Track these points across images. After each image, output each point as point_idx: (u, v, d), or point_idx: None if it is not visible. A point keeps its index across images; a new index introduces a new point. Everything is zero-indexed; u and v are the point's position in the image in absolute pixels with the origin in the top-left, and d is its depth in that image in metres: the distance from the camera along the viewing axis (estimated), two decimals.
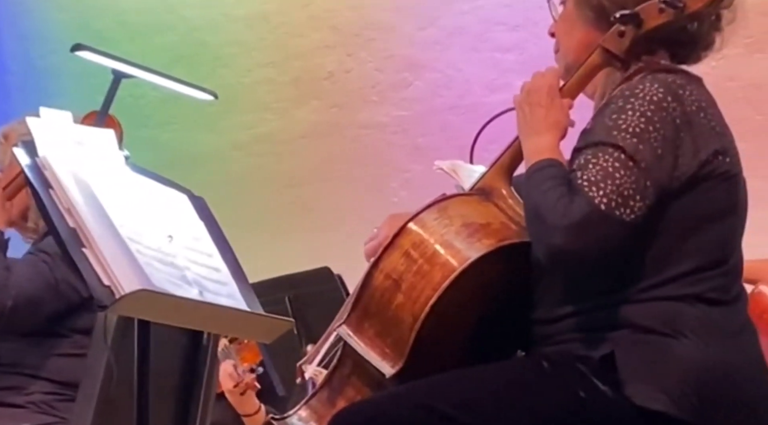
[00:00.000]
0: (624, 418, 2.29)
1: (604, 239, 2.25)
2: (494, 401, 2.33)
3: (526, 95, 2.44)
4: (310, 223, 6.00)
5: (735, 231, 2.42)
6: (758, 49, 5.37)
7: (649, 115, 2.31)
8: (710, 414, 2.30)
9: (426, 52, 5.91)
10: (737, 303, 2.40)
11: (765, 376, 2.38)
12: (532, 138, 2.42)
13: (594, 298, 2.37)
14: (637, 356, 2.31)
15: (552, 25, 2.58)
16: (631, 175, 2.27)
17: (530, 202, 2.35)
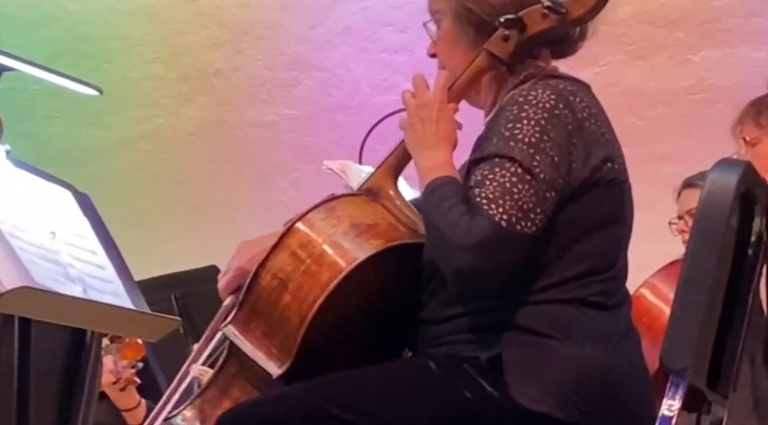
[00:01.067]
0: (509, 420, 2.31)
1: (508, 255, 2.26)
2: (381, 401, 2.34)
3: (416, 110, 2.44)
4: (197, 221, 5.96)
5: (622, 237, 2.45)
6: (639, 57, 5.47)
7: (543, 124, 2.33)
8: (593, 417, 2.32)
9: (315, 52, 5.91)
10: (622, 307, 2.43)
11: (646, 380, 2.41)
12: (426, 153, 2.42)
13: (481, 300, 2.38)
14: (523, 358, 2.33)
15: (430, 45, 2.56)
16: (529, 189, 2.28)
17: (431, 223, 2.34)
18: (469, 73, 2.47)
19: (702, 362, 2.19)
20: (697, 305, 2.19)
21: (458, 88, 2.48)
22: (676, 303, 2.22)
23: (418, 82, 2.47)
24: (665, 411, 2.20)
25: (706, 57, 5.51)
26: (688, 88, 5.48)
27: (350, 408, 2.32)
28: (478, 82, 2.49)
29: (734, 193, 2.25)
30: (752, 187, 2.32)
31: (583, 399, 2.31)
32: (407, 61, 5.68)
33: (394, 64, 5.76)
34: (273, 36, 5.98)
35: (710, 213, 2.25)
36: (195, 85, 6.08)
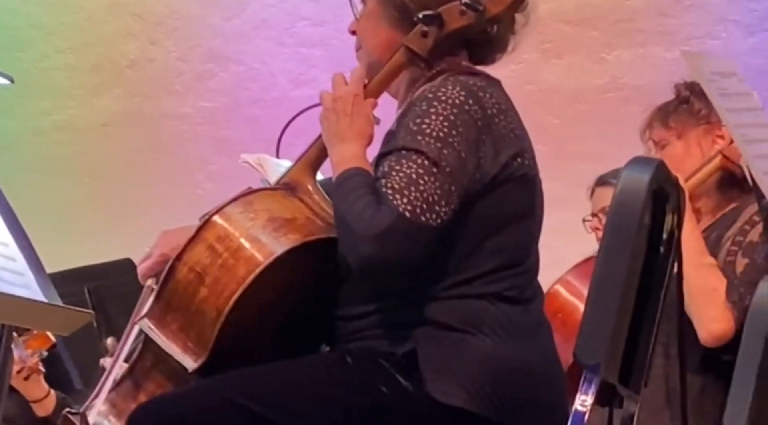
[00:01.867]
0: (425, 414, 2.33)
1: (412, 246, 2.28)
2: (296, 395, 2.34)
3: (332, 103, 2.45)
4: (111, 214, 5.90)
5: (532, 232, 2.48)
6: (555, 55, 5.52)
7: (452, 119, 2.35)
8: (507, 410, 2.34)
9: (231, 44, 5.88)
10: (534, 301, 2.45)
11: (559, 373, 2.44)
12: (339, 146, 2.43)
13: (397, 296, 2.40)
14: (437, 352, 2.34)
15: (353, 23, 2.58)
16: (435, 181, 2.30)
17: (339, 213, 2.36)
18: (388, 68, 2.49)
19: (614, 358, 2.22)
20: (611, 301, 2.22)
21: (377, 84, 2.49)
22: (590, 299, 2.25)
23: (336, 79, 2.49)
24: (578, 406, 2.23)
25: (620, 56, 5.57)
26: (602, 86, 5.54)
27: (265, 402, 2.33)
28: (396, 78, 2.51)
29: (647, 191, 2.28)
30: (664, 184, 2.35)
31: (497, 392, 2.33)
32: (324, 54, 5.67)
33: (311, 58, 5.75)
34: (188, 27, 5.94)
35: (623, 210, 2.28)
36: (108, 76, 6.02)
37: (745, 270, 2.92)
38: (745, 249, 2.95)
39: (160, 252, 2.50)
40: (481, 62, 2.52)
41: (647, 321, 2.32)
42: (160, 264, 2.49)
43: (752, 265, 2.92)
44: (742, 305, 2.89)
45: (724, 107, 2.28)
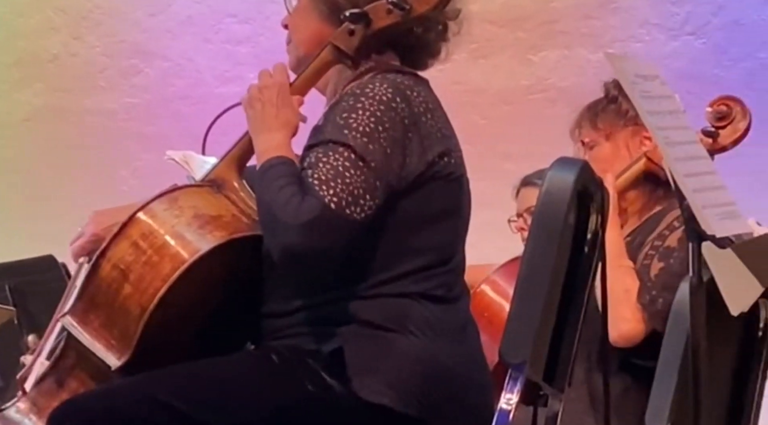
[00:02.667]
0: (351, 412, 2.33)
1: (334, 238, 2.28)
2: (222, 394, 2.33)
3: (257, 92, 2.45)
4: (33, 210, 5.83)
5: (459, 231, 2.49)
6: (482, 55, 5.55)
7: (378, 115, 2.35)
8: (433, 409, 2.35)
9: (156, 40, 5.84)
10: (460, 301, 2.47)
11: (484, 372, 2.45)
12: (264, 135, 2.43)
13: (323, 294, 2.40)
14: (364, 351, 2.35)
15: (285, 17, 2.59)
16: (361, 175, 2.30)
17: (263, 200, 2.35)
18: (315, 65, 2.49)
19: (539, 356, 2.23)
20: (536, 300, 2.23)
21: (303, 80, 2.50)
22: (515, 298, 2.27)
23: (263, 72, 2.49)
24: (503, 404, 2.24)
25: (545, 57, 5.61)
26: (528, 87, 5.58)
27: (191, 400, 2.31)
28: (323, 75, 2.51)
29: (572, 191, 2.30)
30: (589, 185, 2.37)
31: (423, 391, 2.34)
32: (251, 52, 5.65)
33: (237, 55, 5.73)
34: (112, 22, 5.89)
35: (549, 210, 2.29)
36: (30, 71, 5.95)
37: (660, 274, 2.95)
38: (662, 254, 2.98)
39: (92, 232, 2.48)
40: (412, 66, 2.53)
41: (571, 321, 2.34)
42: (92, 243, 2.47)
43: (667, 269, 2.95)
44: (653, 308, 2.92)
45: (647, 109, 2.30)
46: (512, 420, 2.23)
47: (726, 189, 2.37)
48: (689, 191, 2.27)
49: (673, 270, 2.93)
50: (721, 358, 2.61)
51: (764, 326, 2.68)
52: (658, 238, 3.01)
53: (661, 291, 2.92)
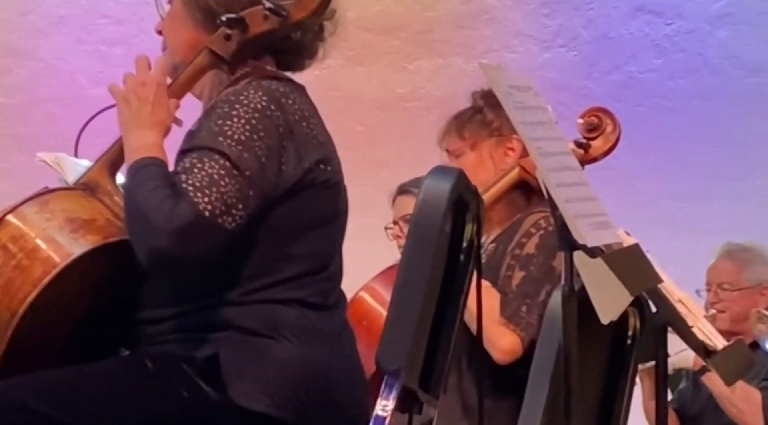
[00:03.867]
0: (228, 419, 2.32)
1: (204, 246, 2.27)
2: (95, 400, 2.30)
3: (133, 88, 2.42)
4: None
5: (336, 238, 2.49)
6: (358, 62, 5.57)
7: (253, 123, 2.34)
8: (310, 415, 2.35)
9: (27, 40, 5.74)
10: (337, 308, 2.47)
11: (361, 379, 2.46)
12: (137, 132, 2.40)
13: (199, 300, 2.38)
14: (239, 357, 2.34)
15: (159, 23, 2.57)
16: (235, 184, 2.29)
17: (133, 201, 2.32)
18: (191, 70, 2.48)
19: (415, 363, 2.25)
20: (412, 308, 2.24)
21: (179, 84, 2.48)
22: (392, 305, 2.28)
23: (140, 61, 2.46)
24: (379, 410, 2.25)
25: (421, 66, 5.67)
26: (404, 95, 5.62)
27: (63, 407, 2.28)
28: (199, 79, 2.50)
29: (448, 200, 2.32)
30: (464, 193, 2.40)
31: (299, 397, 2.34)
32: (125, 53, 5.58)
33: (111, 57, 5.66)
34: None
35: (425, 218, 2.31)
36: None
37: (521, 283, 3.00)
38: (522, 262, 3.02)
39: None
40: (288, 69, 2.53)
41: (447, 328, 2.36)
42: None
43: (528, 277, 2.99)
44: (518, 318, 2.95)
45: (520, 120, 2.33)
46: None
47: (597, 199, 2.41)
48: (562, 201, 2.30)
49: (534, 276, 2.98)
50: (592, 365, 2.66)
51: (633, 334, 2.73)
52: (518, 246, 3.06)
53: (522, 300, 2.96)
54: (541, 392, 2.36)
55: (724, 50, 5.72)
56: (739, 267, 4.56)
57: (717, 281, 4.56)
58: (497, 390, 3.00)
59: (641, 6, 5.75)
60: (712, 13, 5.73)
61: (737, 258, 4.58)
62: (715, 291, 4.54)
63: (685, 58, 5.74)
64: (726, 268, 4.59)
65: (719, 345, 2.69)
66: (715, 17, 5.73)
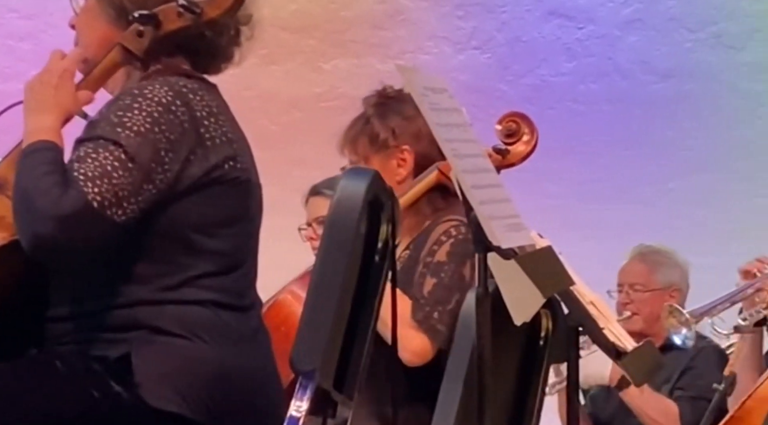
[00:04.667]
0: (139, 420, 2.30)
1: (91, 237, 2.25)
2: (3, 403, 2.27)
3: (39, 74, 2.41)
4: None
5: (248, 237, 2.47)
6: (273, 61, 5.56)
7: (155, 117, 2.33)
8: (222, 416, 2.34)
9: None
10: (252, 308, 2.46)
11: (275, 379, 2.45)
12: (35, 116, 2.38)
13: (110, 298, 2.36)
14: (152, 358, 2.32)
15: (72, 17, 2.54)
16: (129, 176, 2.28)
17: (21, 184, 2.29)
18: (103, 65, 2.46)
19: (330, 364, 2.24)
20: (327, 309, 2.24)
21: (92, 80, 2.46)
22: (306, 306, 2.27)
23: (54, 53, 2.45)
24: (293, 411, 2.24)
25: (336, 66, 5.66)
26: (320, 94, 5.62)
27: None
28: (112, 75, 2.48)
29: (363, 201, 2.32)
30: (380, 194, 2.40)
31: (212, 397, 2.33)
32: (33, 49, 5.51)
33: (18, 52, 5.58)
34: None
35: (340, 219, 2.31)
36: None
37: (433, 290, 3.01)
38: (433, 270, 3.03)
39: None
40: (205, 71, 2.51)
41: (362, 329, 2.36)
42: None
43: (439, 284, 3.00)
44: (429, 323, 2.96)
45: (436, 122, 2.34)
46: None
47: (511, 201, 2.43)
48: (476, 202, 2.31)
49: (445, 283, 2.99)
50: (505, 366, 2.67)
51: (545, 335, 2.75)
52: (429, 254, 3.06)
53: (434, 306, 2.97)
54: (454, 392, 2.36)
55: (633, 55, 5.80)
56: (651, 269, 4.63)
57: (629, 282, 4.63)
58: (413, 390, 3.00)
59: (553, 10, 5.81)
60: (622, 19, 5.80)
61: (649, 260, 4.65)
62: (627, 291, 4.60)
63: (596, 63, 5.80)
64: (637, 270, 4.65)
65: (629, 347, 2.71)
66: (625, 23, 5.80)
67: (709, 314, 3.74)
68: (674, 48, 5.77)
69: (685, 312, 3.75)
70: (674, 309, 3.77)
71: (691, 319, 3.74)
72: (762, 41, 5.68)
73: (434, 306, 2.97)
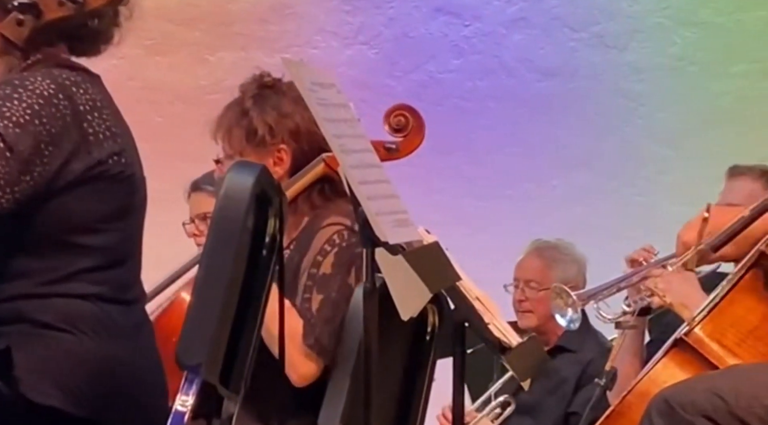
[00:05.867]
0: (20, 415, 2.26)
1: None
2: None
3: None
4: None
5: (132, 231, 2.45)
6: (157, 52, 5.49)
7: (36, 109, 2.30)
8: (105, 410, 2.32)
9: None
10: (137, 302, 2.44)
11: (159, 374, 2.44)
12: None
13: None
14: (33, 351, 2.29)
15: None
16: (6, 166, 2.25)
17: None
18: None
19: (216, 359, 2.23)
20: (213, 303, 2.22)
21: None
22: (193, 301, 2.25)
23: None
24: (179, 406, 2.23)
25: (222, 58, 5.62)
26: (206, 87, 5.57)
27: None
28: None
29: (250, 195, 2.30)
30: (267, 188, 2.38)
31: (95, 391, 2.31)
32: None
33: None
34: None
35: (227, 213, 2.29)
36: None
37: (321, 307, 2.93)
38: (320, 284, 2.94)
39: None
40: (83, 54, 2.48)
41: (249, 323, 2.35)
42: None
43: (327, 301, 2.92)
44: (319, 346, 2.89)
45: (323, 117, 2.34)
46: (187, 422, 2.21)
47: (398, 197, 2.44)
48: (364, 198, 2.32)
49: (332, 299, 2.91)
50: (392, 360, 2.68)
51: (432, 330, 2.77)
52: (314, 265, 2.96)
53: (324, 326, 2.89)
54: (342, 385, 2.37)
55: (518, 53, 5.85)
56: (547, 266, 4.63)
57: (524, 278, 4.63)
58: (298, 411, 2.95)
59: (440, 7, 5.84)
60: (508, 17, 5.85)
61: (546, 257, 4.65)
62: (523, 288, 4.61)
63: (483, 60, 5.84)
64: (534, 266, 4.65)
65: (514, 342, 2.74)
66: (510, 21, 5.85)
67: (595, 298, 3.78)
68: (558, 47, 5.83)
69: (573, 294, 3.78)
70: (562, 291, 3.81)
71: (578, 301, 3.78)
72: (642, 42, 5.78)
73: (324, 326, 2.89)
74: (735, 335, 3.01)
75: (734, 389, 2.74)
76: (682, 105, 5.73)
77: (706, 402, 2.73)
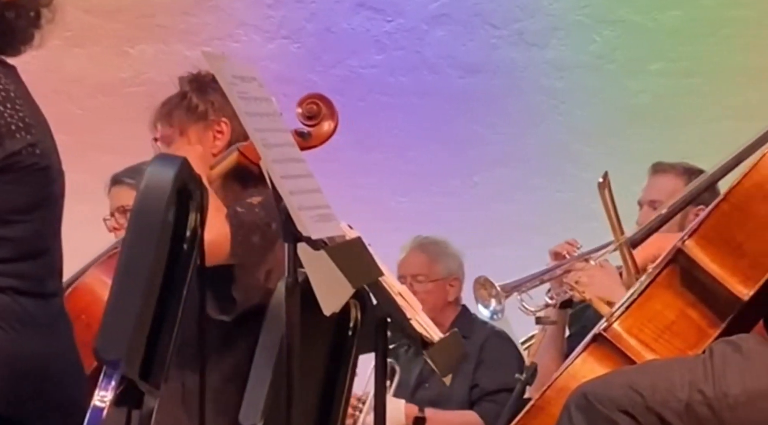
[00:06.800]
0: None
1: None
2: None
3: None
4: None
5: (49, 224, 2.42)
6: (76, 44, 5.44)
7: None
8: (21, 406, 2.29)
9: None
10: (54, 296, 2.41)
11: (77, 368, 2.41)
12: None
13: None
14: None
15: None
16: None
17: None
18: None
19: (136, 354, 2.21)
20: (133, 297, 2.21)
21: None
22: (112, 294, 2.23)
23: None
24: (97, 401, 2.20)
25: (143, 51, 5.57)
26: (126, 79, 5.52)
27: None
28: None
29: (171, 188, 2.29)
30: (188, 182, 2.37)
31: (10, 387, 2.28)
32: None
33: None
34: None
35: (147, 207, 2.27)
36: None
37: (255, 205, 3.00)
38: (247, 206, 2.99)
39: None
40: (2, 52, 2.44)
41: (169, 318, 2.33)
42: None
43: (261, 204, 2.99)
44: (239, 220, 2.93)
45: (245, 111, 2.33)
46: (105, 418, 2.19)
47: (321, 191, 2.43)
48: (286, 193, 2.31)
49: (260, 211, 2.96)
50: (314, 356, 2.68)
51: (354, 325, 2.77)
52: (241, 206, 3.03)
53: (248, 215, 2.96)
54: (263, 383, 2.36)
55: (440, 49, 5.86)
56: (432, 260, 4.77)
57: (411, 273, 4.74)
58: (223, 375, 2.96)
59: (362, 2, 5.83)
60: (430, 13, 5.86)
61: (429, 251, 4.79)
62: (411, 283, 4.69)
63: (405, 56, 5.85)
64: (419, 261, 4.77)
65: (436, 338, 2.75)
66: (432, 17, 5.86)
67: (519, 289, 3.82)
68: (479, 44, 5.85)
69: (497, 285, 3.82)
70: (486, 282, 3.84)
71: (502, 293, 3.82)
72: (562, 39, 5.82)
73: (248, 215, 2.96)
74: (652, 330, 3.04)
75: (651, 384, 2.77)
76: (602, 102, 5.79)
77: (624, 396, 2.76)
